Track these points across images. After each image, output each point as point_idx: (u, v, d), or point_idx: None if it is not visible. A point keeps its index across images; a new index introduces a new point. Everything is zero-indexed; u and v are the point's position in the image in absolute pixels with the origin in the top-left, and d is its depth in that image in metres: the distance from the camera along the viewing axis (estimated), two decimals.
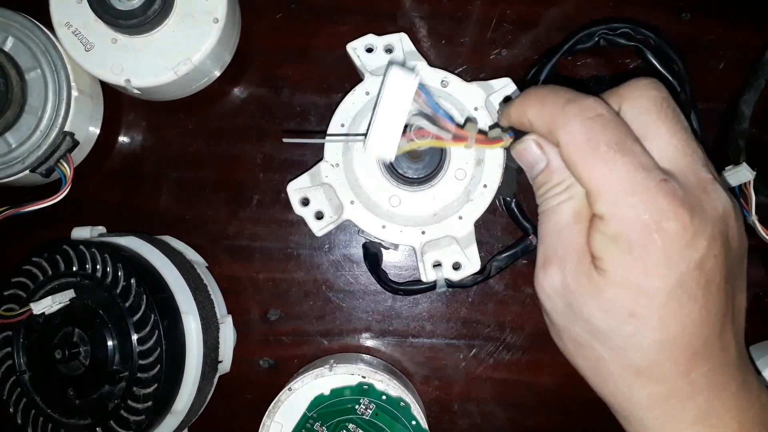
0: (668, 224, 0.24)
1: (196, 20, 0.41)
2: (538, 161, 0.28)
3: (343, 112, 0.39)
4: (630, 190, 0.25)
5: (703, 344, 0.26)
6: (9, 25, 0.41)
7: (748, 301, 0.45)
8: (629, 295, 0.25)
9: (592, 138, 0.25)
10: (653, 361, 0.26)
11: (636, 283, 0.25)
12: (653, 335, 0.25)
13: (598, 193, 0.25)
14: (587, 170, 0.26)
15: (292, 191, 0.40)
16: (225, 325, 0.44)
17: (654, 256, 0.25)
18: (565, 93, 0.27)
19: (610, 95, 0.28)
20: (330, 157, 0.40)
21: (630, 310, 0.25)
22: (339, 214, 0.39)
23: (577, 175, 0.26)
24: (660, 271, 0.25)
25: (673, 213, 0.24)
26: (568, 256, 0.27)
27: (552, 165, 0.28)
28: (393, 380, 0.42)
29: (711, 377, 0.26)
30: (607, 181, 0.25)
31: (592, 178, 0.25)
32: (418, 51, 0.40)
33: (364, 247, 0.43)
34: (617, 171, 0.25)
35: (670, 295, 0.25)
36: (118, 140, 0.47)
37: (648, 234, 0.25)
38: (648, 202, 0.25)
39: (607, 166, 0.25)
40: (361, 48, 0.40)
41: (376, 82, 0.39)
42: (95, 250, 0.39)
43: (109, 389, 0.38)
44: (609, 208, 0.25)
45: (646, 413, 0.27)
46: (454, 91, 0.39)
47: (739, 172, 0.41)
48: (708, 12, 0.45)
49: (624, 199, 0.25)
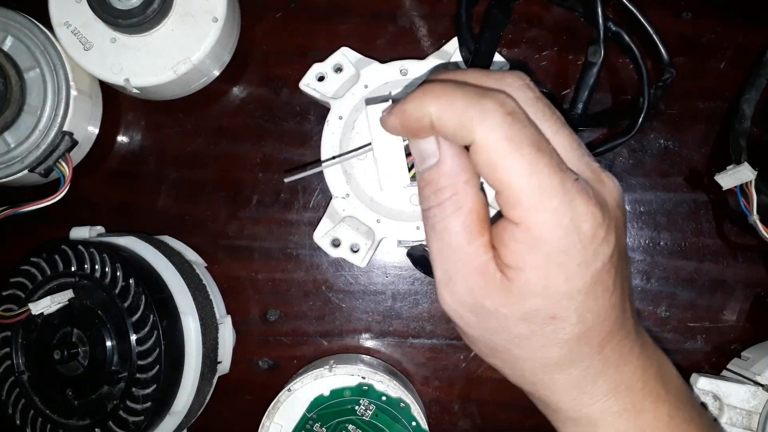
0: (585, 225, 0.24)
1: (195, 19, 0.41)
2: (431, 156, 0.26)
3: (329, 144, 0.40)
4: (551, 194, 0.24)
5: (613, 323, 0.26)
6: (8, 25, 0.41)
7: (748, 301, 0.45)
8: (551, 301, 0.25)
9: (514, 137, 0.23)
10: (571, 351, 0.26)
11: (558, 291, 0.25)
12: (572, 330, 0.25)
13: (517, 198, 0.24)
14: (507, 173, 0.24)
15: (319, 239, 0.40)
16: (224, 325, 0.44)
17: (574, 260, 0.24)
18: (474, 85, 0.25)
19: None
20: (338, 192, 0.40)
21: (551, 313, 0.25)
22: (372, 238, 0.40)
23: (496, 178, 0.24)
24: (581, 272, 0.25)
25: (589, 214, 0.24)
26: (471, 275, 0.26)
27: (442, 166, 0.26)
28: (393, 381, 0.42)
29: (619, 349, 0.27)
30: (527, 185, 0.24)
31: (513, 182, 0.24)
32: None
33: (408, 256, 0.43)
34: (539, 174, 0.23)
35: (587, 294, 0.25)
36: (117, 140, 0.47)
37: (569, 238, 0.24)
38: (567, 205, 0.24)
39: (530, 167, 0.23)
40: (313, 80, 0.40)
41: (344, 103, 0.40)
42: (94, 250, 0.39)
43: (108, 390, 0.38)
44: (528, 214, 0.24)
45: (564, 396, 0.27)
46: (415, 73, 0.40)
47: (740, 172, 0.41)
48: (708, 11, 0.45)
49: (544, 204, 0.24)
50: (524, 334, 0.26)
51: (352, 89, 0.40)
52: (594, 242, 0.24)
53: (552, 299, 0.25)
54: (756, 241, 0.44)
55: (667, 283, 0.45)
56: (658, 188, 0.45)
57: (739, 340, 0.45)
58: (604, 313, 0.26)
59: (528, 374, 0.28)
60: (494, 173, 0.24)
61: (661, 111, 0.45)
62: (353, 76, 0.40)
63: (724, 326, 0.45)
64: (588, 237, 0.24)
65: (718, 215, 0.45)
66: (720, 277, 0.45)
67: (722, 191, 0.43)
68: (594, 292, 0.25)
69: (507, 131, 0.24)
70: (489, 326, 0.26)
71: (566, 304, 0.25)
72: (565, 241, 0.24)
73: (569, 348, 0.26)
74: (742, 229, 0.45)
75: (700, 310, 0.45)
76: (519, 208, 0.24)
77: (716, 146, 0.45)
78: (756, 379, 0.41)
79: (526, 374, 0.28)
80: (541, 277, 0.25)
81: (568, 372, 0.27)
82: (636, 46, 0.41)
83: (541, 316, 0.25)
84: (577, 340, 0.26)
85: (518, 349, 0.27)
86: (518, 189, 0.24)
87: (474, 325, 0.27)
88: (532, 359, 0.27)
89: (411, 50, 0.45)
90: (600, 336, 0.26)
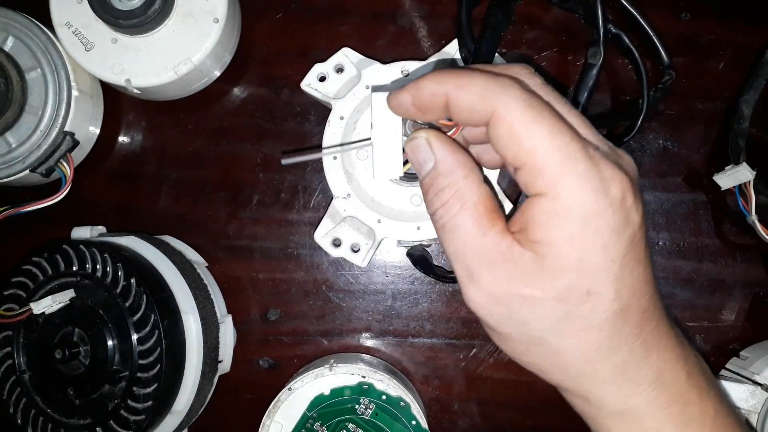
0: (614, 189, 0.24)
1: (196, 20, 0.41)
2: (427, 161, 0.26)
3: (329, 143, 0.40)
4: (576, 158, 0.23)
5: (648, 302, 0.25)
6: (9, 25, 0.41)
7: (747, 301, 0.45)
8: (586, 275, 0.24)
9: (535, 106, 0.24)
10: (611, 333, 0.25)
11: (593, 262, 0.24)
12: (610, 307, 0.24)
13: (542, 165, 0.23)
14: (530, 140, 0.23)
15: (320, 239, 0.40)
16: (225, 324, 0.44)
17: (607, 225, 0.23)
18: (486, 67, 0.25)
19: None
20: (339, 192, 0.40)
21: (587, 288, 0.24)
22: (373, 238, 0.40)
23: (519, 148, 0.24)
24: (614, 240, 0.24)
25: (616, 178, 0.24)
26: (495, 265, 0.25)
27: (439, 166, 0.26)
28: (393, 380, 0.42)
29: (657, 333, 0.26)
30: (552, 150, 0.23)
31: (537, 148, 0.23)
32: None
33: (408, 255, 0.43)
34: (563, 137, 0.23)
35: (622, 265, 0.24)
36: (118, 140, 0.47)
37: (599, 202, 0.23)
38: (593, 169, 0.23)
39: (553, 132, 0.23)
40: (315, 80, 0.40)
41: (345, 104, 0.40)
42: (95, 250, 0.39)
43: (109, 389, 0.38)
44: (555, 180, 0.23)
45: (608, 387, 0.26)
46: (416, 74, 0.40)
47: (738, 172, 0.41)
48: (707, 12, 0.45)
49: (571, 168, 0.23)
50: (561, 317, 0.24)
51: (353, 90, 0.40)
52: (624, 207, 0.24)
53: (587, 272, 0.24)
54: (754, 241, 0.44)
55: (666, 283, 0.45)
56: (657, 188, 0.45)
57: (737, 339, 0.45)
58: (639, 289, 0.25)
59: (570, 367, 0.26)
60: (517, 142, 0.24)
61: (660, 111, 0.45)
62: (355, 76, 0.40)
63: (723, 326, 0.45)
64: (618, 201, 0.24)
65: (717, 215, 0.45)
66: (719, 277, 0.45)
67: (721, 191, 0.43)
68: (629, 263, 0.24)
69: (528, 101, 0.24)
70: (522, 317, 0.25)
71: (602, 277, 0.24)
72: (596, 205, 0.23)
73: (608, 330, 0.25)
74: (741, 229, 0.45)
75: (698, 310, 0.45)
76: (544, 176, 0.23)
77: (715, 146, 0.45)
78: (755, 378, 0.41)
79: (568, 368, 0.26)
80: (573, 247, 0.24)
81: (610, 359, 0.25)
82: (636, 48, 0.41)
83: (577, 293, 0.24)
84: (615, 319, 0.24)
85: (556, 338, 0.25)
86: (543, 155, 0.23)
87: (506, 320, 0.25)
88: (572, 348, 0.25)
89: (411, 51, 0.45)
90: (637, 315, 0.25)
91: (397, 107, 0.27)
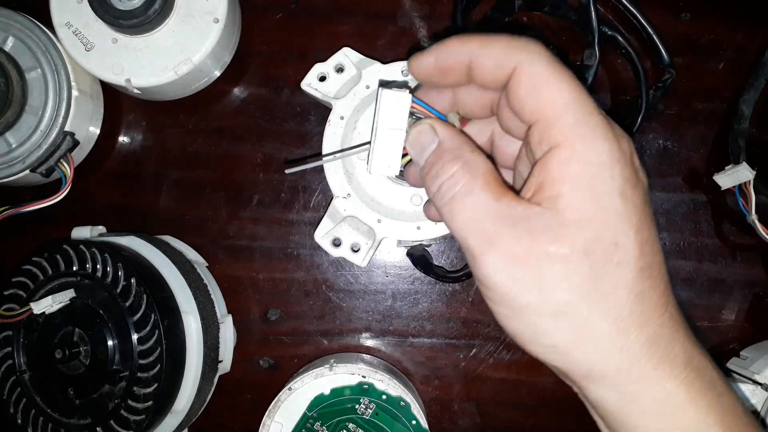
0: (625, 145, 0.24)
1: (196, 20, 0.41)
2: (430, 143, 0.27)
3: (330, 144, 0.40)
4: (592, 111, 0.24)
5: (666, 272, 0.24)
6: (9, 25, 0.41)
7: (747, 301, 0.45)
8: (609, 224, 0.23)
9: (555, 62, 0.24)
10: (639, 295, 0.23)
11: (615, 209, 0.23)
12: (636, 264, 0.23)
13: (561, 114, 0.24)
14: (552, 91, 0.24)
15: (320, 239, 0.40)
16: (225, 324, 0.44)
17: (623, 175, 0.23)
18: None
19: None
20: (339, 191, 0.40)
21: (613, 239, 0.23)
22: (373, 238, 0.40)
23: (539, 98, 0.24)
24: (629, 191, 0.23)
25: (625, 137, 0.24)
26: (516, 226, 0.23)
27: (444, 143, 0.26)
28: (393, 380, 0.42)
29: (677, 315, 0.24)
30: (571, 101, 0.24)
31: (557, 99, 0.24)
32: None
33: (408, 255, 0.43)
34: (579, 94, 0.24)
35: (642, 218, 0.23)
36: (118, 140, 0.47)
37: (614, 152, 0.23)
38: (608, 123, 0.24)
39: (570, 89, 0.24)
40: (315, 80, 0.40)
41: (346, 103, 0.40)
42: (95, 250, 0.39)
43: (110, 389, 0.38)
44: (573, 129, 0.23)
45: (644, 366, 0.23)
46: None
47: (738, 172, 0.41)
48: (707, 12, 0.45)
49: (587, 120, 0.23)
50: (589, 275, 0.23)
51: (353, 89, 0.40)
52: (635, 162, 0.24)
53: (610, 222, 0.23)
54: (754, 241, 0.44)
55: None
56: (657, 188, 0.45)
57: (737, 339, 0.45)
58: (659, 251, 0.24)
59: (603, 339, 0.23)
60: (537, 94, 0.24)
61: (660, 111, 0.45)
62: (355, 76, 0.40)
63: (723, 326, 0.45)
64: (629, 155, 0.24)
65: (717, 215, 0.45)
66: (719, 277, 0.45)
67: (721, 191, 0.43)
68: (646, 219, 0.24)
69: (550, 57, 0.24)
70: (549, 277, 0.23)
71: (625, 226, 0.23)
72: (611, 154, 0.23)
73: (637, 292, 0.23)
74: (741, 229, 0.45)
75: (698, 310, 0.45)
76: (561, 127, 0.24)
77: (715, 146, 0.45)
78: (755, 378, 0.41)
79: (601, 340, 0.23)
80: (594, 195, 0.23)
81: (642, 330, 0.23)
82: (632, 48, 0.41)
83: (603, 244, 0.23)
84: (642, 279, 0.23)
85: (586, 302, 0.23)
86: (562, 105, 0.24)
87: (530, 285, 0.23)
88: (603, 313, 0.23)
89: (411, 51, 0.45)
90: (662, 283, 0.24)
91: (417, 70, 0.27)
